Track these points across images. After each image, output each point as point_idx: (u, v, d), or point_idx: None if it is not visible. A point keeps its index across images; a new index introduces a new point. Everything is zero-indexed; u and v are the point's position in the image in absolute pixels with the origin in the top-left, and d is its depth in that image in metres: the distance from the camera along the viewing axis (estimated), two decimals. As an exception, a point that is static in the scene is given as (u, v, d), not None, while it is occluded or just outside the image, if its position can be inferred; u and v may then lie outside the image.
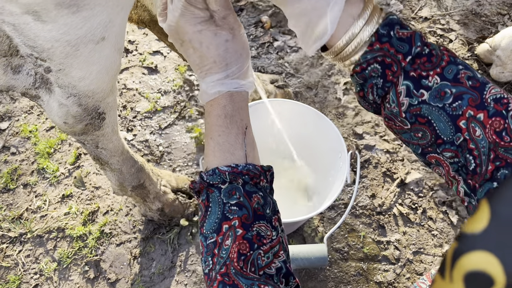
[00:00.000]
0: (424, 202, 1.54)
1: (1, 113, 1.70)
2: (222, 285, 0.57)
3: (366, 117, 1.71)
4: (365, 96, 0.63)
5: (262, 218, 0.62)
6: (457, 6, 1.97)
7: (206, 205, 0.63)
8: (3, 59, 0.81)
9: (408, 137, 0.62)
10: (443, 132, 0.57)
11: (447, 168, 0.60)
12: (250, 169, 0.63)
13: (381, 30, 0.57)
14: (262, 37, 1.88)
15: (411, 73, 0.57)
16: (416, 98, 0.57)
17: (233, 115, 0.66)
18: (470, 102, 0.56)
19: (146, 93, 1.74)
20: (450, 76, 0.56)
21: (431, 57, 0.57)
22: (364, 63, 0.59)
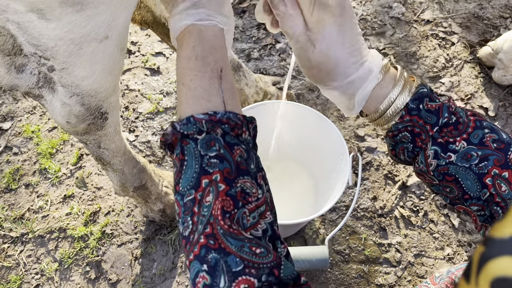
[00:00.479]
0: (426, 204, 1.54)
1: (4, 113, 1.71)
2: (205, 249, 0.48)
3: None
4: (397, 155, 0.70)
5: (246, 174, 0.55)
6: (459, 9, 1.97)
7: (181, 159, 0.54)
8: (7, 58, 0.81)
9: (437, 190, 0.67)
10: (469, 188, 0.62)
11: (475, 218, 0.65)
12: (230, 117, 0.55)
13: (410, 104, 0.63)
14: (264, 39, 1.88)
15: (438, 140, 0.63)
16: (443, 159, 0.63)
17: (204, 56, 0.58)
18: (495, 162, 0.60)
19: (148, 94, 1.75)
20: (476, 140, 0.62)
21: (458, 125, 0.63)
22: (396, 131, 0.66)
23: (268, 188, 0.59)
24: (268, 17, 0.69)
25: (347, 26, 0.63)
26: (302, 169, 1.53)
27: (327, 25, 0.61)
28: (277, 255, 0.50)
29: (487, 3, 1.99)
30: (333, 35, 0.62)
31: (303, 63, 0.66)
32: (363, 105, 0.66)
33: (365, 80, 0.64)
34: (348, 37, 0.63)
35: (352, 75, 0.64)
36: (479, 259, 0.32)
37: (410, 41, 1.89)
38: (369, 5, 1.98)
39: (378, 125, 0.68)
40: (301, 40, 0.63)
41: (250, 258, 0.48)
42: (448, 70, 1.82)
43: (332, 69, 0.64)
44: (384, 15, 1.95)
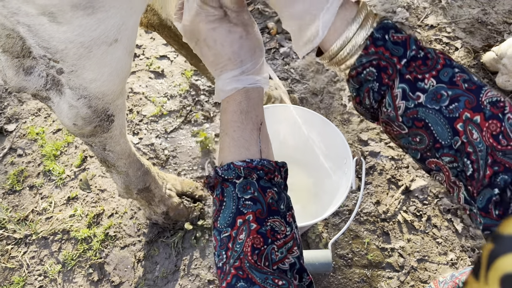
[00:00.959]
0: (429, 209, 1.54)
1: (9, 115, 1.71)
2: (236, 278, 0.56)
3: (371, 123, 1.71)
4: (362, 102, 0.63)
5: (276, 214, 0.62)
6: (463, 14, 1.98)
7: (221, 199, 0.63)
8: (15, 60, 0.82)
9: (406, 142, 0.61)
10: (440, 135, 0.57)
11: (447, 173, 0.59)
12: (264, 164, 0.63)
13: (375, 34, 0.58)
14: (268, 43, 1.89)
15: (406, 76, 0.57)
16: (412, 101, 0.57)
17: (248, 111, 0.66)
18: (467, 104, 0.55)
19: (152, 97, 1.75)
20: (446, 78, 0.56)
21: (426, 60, 0.57)
22: (360, 67, 0.59)
23: (296, 225, 0.65)
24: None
25: None
26: (305, 173, 1.53)
27: None
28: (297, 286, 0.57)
29: (491, 8, 1.99)
30: None
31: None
32: (327, 29, 0.59)
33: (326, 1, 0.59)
34: None
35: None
36: (488, 256, 0.32)
37: (414, 46, 1.90)
38: (373, 10, 1.98)
39: (338, 64, 0.62)
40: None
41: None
42: (451, 75, 1.83)
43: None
44: (388, 20, 1.96)
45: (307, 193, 1.51)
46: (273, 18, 1.95)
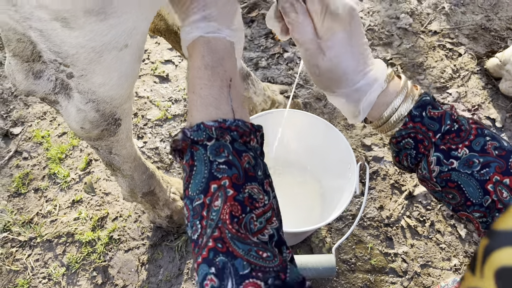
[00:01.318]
0: (432, 215, 1.54)
1: (15, 119, 1.73)
2: (213, 252, 0.49)
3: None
4: (400, 162, 0.71)
5: (254, 180, 0.56)
6: (467, 20, 1.98)
7: (191, 164, 0.56)
8: (25, 64, 0.83)
9: (440, 196, 0.68)
10: (472, 195, 0.63)
11: (477, 225, 0.65)
12: (239, 125, 0.57)
13: (413, 112, 0.65)
14: (272, 48, 1.90)
15: (441, 147, 0.65)
16: (446, 166, 0.64)
17: (214, 66, 0.60)
18: (497, 169, 0.61)
19: (157, 101, 1.76)
20: (478, 147, 0.63)
21: (460, 132, 0.64)
22: (399, 137, 0.68)
23: (274, 194, 0.60)
24: (278, 24, 0.71)
25: (355, 35, 0.66)
26: (309, 178, 1.53)
27: (337, 33, 0.65)
28: (283, 259, 0.51)
29: (494, 15, 2.00)
30: (343, 43, 0.65)
31: (312, 69, 0.68)
32: (367, 112, 0.68)
33: (370, 87, 0.66)
34: (356, 46, 0.66)
35: (358, 83, 0.66)
36: (483, 251, 0.34)
37: (417, 51, 1.91)
38: (377, 16, 2.00)
39: (382, 132, 0.70)
40: (311, 47, 0.66)
41: (257, 261, 0.49)
42: (455, 80, 1.83)
43: (340, 76, 0.66)
44: (392, 26, 1.97)
45: (310, 197, 1.51)
46: (277, 23, 1.97)
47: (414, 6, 2.02)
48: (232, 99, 0.59)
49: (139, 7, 0.58)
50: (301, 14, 0.65)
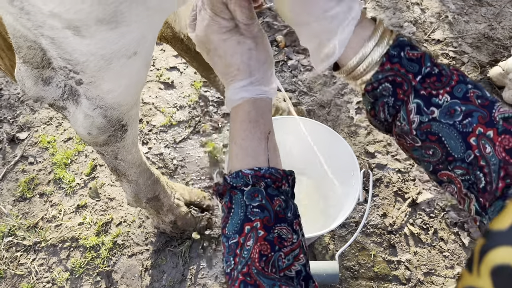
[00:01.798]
0: (436, 222, 1.55)
1: (21, 124, 1.74)
2: (243, 284, 0.57)
3: (378, 136, 1.72)
4: (376, 115, 0.65)
5: (283, 221, 0.63)
6: (470, 29, 2.00)
7: (229, 206, 0.64)
8: (35, 71, 0.84)
9: (419, 154, 0.63)
10: (453, 149, 0.58)
11: (459, 185, 0.60)
12: (272, 172, 0.65)
13: (391, 51, 0.60)
14: (276, 55, 1.91)
15: (421, 92, 0.59)
16: (426, 115, 0.59)
17: (256, 120, 0.68)
18: (480, 119, 0.57)
19: (162, 108, 1.78)
20: (460, 94, 0.58)
21: (441, 77, 0.59)
22: (375, 82, 0.61)
23: (302, 233, 0.66)
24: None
25: None
26: (312, 184, 1.54)
27: None
28: None
29: (497, 24, 2.02)
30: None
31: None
32: (345, 45, 0.62)
33: (346, 16, 0.61)
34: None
35: (332, 9, 0.61)
36: (480, 250, 0.35)
37: (421, 60, 1.92)
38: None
39: (354, 79, 0.64)
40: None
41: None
42: (458, 89, 1.84)
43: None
44: (395, 34, 1.98)
45: (314, 204, 1.52)
46: (282, 31, 1.98)
47: (418, 15, 2.04)
48: (268, 149, 0.67)
49: (148, 16, 0.60)
50: None
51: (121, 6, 0.54)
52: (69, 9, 0.52)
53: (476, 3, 2.07)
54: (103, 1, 0.51)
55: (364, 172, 1.27)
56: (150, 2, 0.55)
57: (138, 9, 0.56)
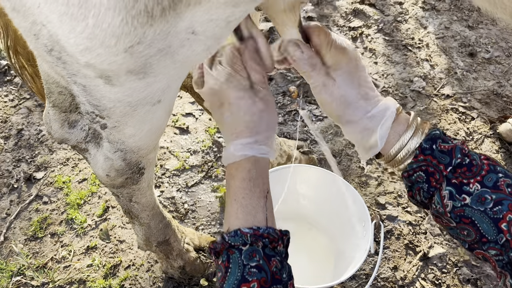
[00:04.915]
0: (448, 278, 1.52)
1: (39, 164, 1.79)
2: None
3: (389, 187, 1.73)
4: (414, 197, 0.72)
5: (279, 283, 0.64)
6: (478, 86, 2.04)
7: (226, 266, 0.65)
8: (62, 115, 0.89)
9: (455, 233, 0.68)
10: (486, 232, 0.63)
11: (494, 263, 0.65)
12: (270, 232, 0.67)
13: (424, 144, 0.68)
14: (289, 105, 1.97)
15: (453, 181, 0.66)
16: (459, 201, 0.65)
17: (256, 178, 0.70)
18: (510, 207, 0.62)
19: (176, 152, 1.82)
20: (490, 183, 0.64)
21: (471, 167, 0.66)
22: (411, 171, 0.69)
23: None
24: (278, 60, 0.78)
25: (360, 66, 0.73)
26: (323, 233, 1.54)
27: (344, 62, 0.72)
28: None
29: (506, 81, 2.06)
30: (351, 71, 0.72)
31: (325, 98, 0.74)
32: (384, 139, 0.71)
33: (383, 115, 0.71)
34: (363, 75, 0.73)
35: (371, 111, 0.71)
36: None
37: (431, 113, 1.95)
38: (391, 78, 2.07)
39: (394, 166, 0.72)
40: (322, 75, 0.73)
41: None
42: (468, 143, 1.86)
43: (352, 102, 0.72)
44: (405, 88, 2.03)
45: (324, 255, 1.51)
46: (295, 82, 2.05)
47: (427, 71, 2.10)
48: (267, 208, 0.69)
49: (175, 69, 0.64)
50: (306, 49, 0.73)
51: (150, 59, 0.58)
52: (104, 60, 0.56)
53: (485, 61, 2.13)
54: (135, 55, 0.56)
55: (375, 224, 1.27)
56: (177, 56, 0.60)
57: (166, 62, 0.60)
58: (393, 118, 0.71)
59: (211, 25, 0.54)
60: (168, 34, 0.53)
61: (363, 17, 2.28)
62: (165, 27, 0.52)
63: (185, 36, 0.54)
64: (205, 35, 0.56)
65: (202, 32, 0.55)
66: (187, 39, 0.55)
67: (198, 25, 0.54)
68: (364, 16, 2.28)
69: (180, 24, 0.53)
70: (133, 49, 0.54)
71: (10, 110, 1.93)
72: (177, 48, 0.57)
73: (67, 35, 0.52)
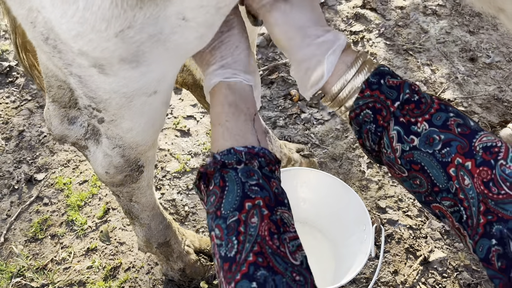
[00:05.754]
0: (449, 283, 1.50)
1: (40, 165, 1.80)
2: (254, 267, 0.49)
3: (389, 191, 1.73)
4: (364, 143, 0.67)
5: (283, 205, 0.58)
6: (479, 90, 2.04)
7: (222, 185, 0.57)
8: (62, 110, 0.90)
9: (409, 185, 0.62)
10: (437, 179, 0.57)
11: (451, 219, 0.57)
12: (265, 153, 0.61)
13: (371, 78, 0.63)
14: (290, 108, 1.97)
15: (400, 119, 0.60)
16: (407, 143, 0.59)
17: (237, 104, 0.65)
18: (459, 149, 0.55)
19: (177, 154, 1.82)
20: (439, 122, 0.58)
21: (420, 104, 0.60)
22: (357, 109, 0.64)
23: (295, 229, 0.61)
24: None
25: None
26: (323, 236, 1.53)
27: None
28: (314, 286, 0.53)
29: (507, 86, 2.06)
30: None
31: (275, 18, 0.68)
32: (331, 71, 0.65)
33: (333, 43, 0.65)
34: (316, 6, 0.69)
35: (322, 36, 0.66)
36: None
37: (432, 118, 1.95)
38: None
39: (339, 104, 0.66)
40: None
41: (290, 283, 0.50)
42: (469, 147, 1.86)
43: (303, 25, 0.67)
44: (406, 93, 2.04)
45: (324, 258, 1.50)
46: (296, 85, 2.06)
47: (428, 75, 2.10)
48: (256, 130, 0.64)
49: (168, 58, 0.65)
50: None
51: (142, 46, 0.59)
52: (96, 47, 0.57)
53: (485, 66, 2.13)
54: (126, 40, 0.56)
55: (376, 227, 1.26)
56: (169, 43, 0.60)
57: (158, 49, 0.61)
58: (343, 48, 0.66)
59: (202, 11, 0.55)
60: (158, 18, 0.54)
61: (364, 21, 2.29)
62: (155, 10, 0.52)
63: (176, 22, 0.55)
64: (196, 21, 0.56)
65: (192, 19, 0.55)
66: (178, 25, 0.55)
67: (189, 11, 0.54)
68: (366, 20, 2.29)
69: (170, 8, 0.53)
70: (124, 34, 0.54)
71: (11, 111, 1.95)
72: (168, 34, 0.57)
73: (59, 20, 0.53)
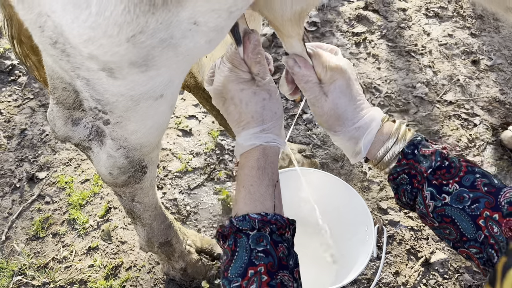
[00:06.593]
0: (450, 284, 1.51)
1: (41, 163, 1.80)
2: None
3: (391, 192, 1.73)
4: (400, 199, 0.78)
5: (286, 268, 0.65)
6: (481, 93, 2.05)
7: (233, 249, 0.66)
8: (66, 112, 0.90)
9: (439, 233, 0.73)
10: (466, 230, 0.68)
11: (477, 262, 0.68)
12: (278, 219, 0.68)
13: (406, 150, 0.74)
14: (292, 109, 1.98)
15: (433, 182, 0.71)
16: (439, 201, 0.70)
17: (265, 167, 0.73)
18: (486, 204, 0.66)
19: (178, 154, 1.82)
20: (468, 183, 0.69)
21: (450, 169, 0.71)
22: (395, 174, 0.75)
23: (300, 282, 0.69)
24: (288, 88, 0.87)
25: (352, 83, 0.80)
26: (324, 238, 1.53)
27: (337, 80, 0.78)
28: None
29: (508, 88, 2.06)
30: (342, 88, 0.78)
31: (317, 110, 0.80)
32: (368, 148, 0.77)
33: (369, 126, 0.77)
34: (354, 91, 0.79)
35: (358, 122, 0.78)
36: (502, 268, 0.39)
37: (433, 120, 1.95)
38: (394, 84, 2.07)
39: (380, 169, 0.79)
40: (316, 91, 0.79)
41: None
42: (471, 150, 1.86)
43: (341, 115, 0.78)
44: (408, 94, 2.04)
45: (325, 258, 1.50)
46: (298, 87, 2.06)
47: (430, 77, 2.10)
48: (275, 196, 0.72)
49: (177, 62, 0.65)
50: (304, 67, 0.80)
51: (153, 51, 0.59)
52: (106, 51, 0.57)
53: (487, 68, 2.14)
54: (137, 45, 0.56)
55: (378, 228, 1.26)
56: (180, 48, 0.60)
57: (168, 54, 0.61)
58: (378, 128, 0.77)
59: (213, 15, 0.55)
60: (170, 24, 0.54)
61: (366, 23, 2.29)
62: (167, 16, 0.53)
63: (187, 27, 0.55)
64: (208, 26, 0.57)
65: (204, 23, 0.56)
66: (189, 30, 0.56)
67: (200, 15, 0.54)
68: (368, 22, 2.29)
69: (182, 13, 0.53)
70: (135, 39, 0.54)
71: (13, 109, 1.95)
72: (179, 39, 0.57)
73: (70, 25, 0.53)
